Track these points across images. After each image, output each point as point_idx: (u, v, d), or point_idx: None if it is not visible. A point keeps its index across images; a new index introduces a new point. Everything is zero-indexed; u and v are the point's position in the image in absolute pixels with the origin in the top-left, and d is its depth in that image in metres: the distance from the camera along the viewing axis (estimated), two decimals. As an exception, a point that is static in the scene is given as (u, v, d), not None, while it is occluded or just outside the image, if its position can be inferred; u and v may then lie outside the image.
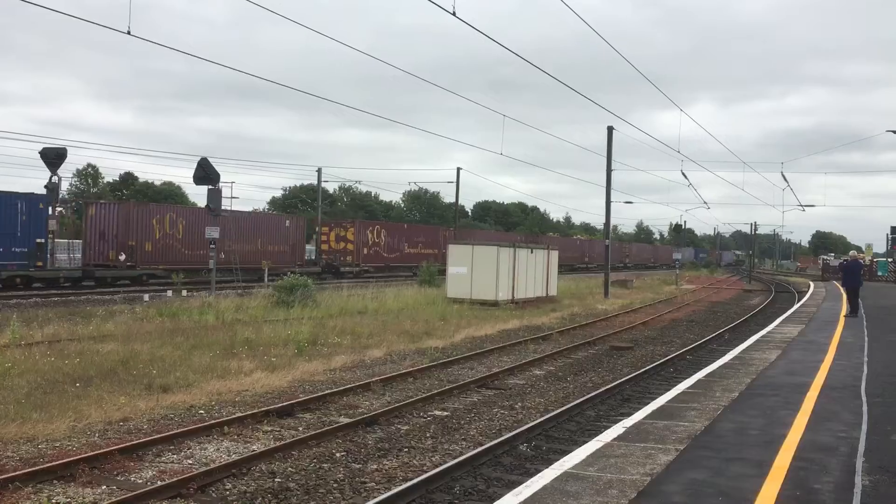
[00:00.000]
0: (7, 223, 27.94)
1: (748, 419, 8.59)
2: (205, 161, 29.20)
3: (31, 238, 28.95)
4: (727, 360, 13.42)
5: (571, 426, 11.02)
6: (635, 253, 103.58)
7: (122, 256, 34.06)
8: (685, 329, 25.83)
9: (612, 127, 39.74)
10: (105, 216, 34.71)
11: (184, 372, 13.20)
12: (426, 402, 12.17)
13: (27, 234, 28.86)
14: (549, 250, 35.35)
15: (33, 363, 13.09)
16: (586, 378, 15.27)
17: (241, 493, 7.74)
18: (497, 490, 7.77)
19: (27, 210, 28.85)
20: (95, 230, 34.25)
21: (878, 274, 58.57)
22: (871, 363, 13.12)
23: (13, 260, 28.42)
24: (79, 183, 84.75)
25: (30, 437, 9.25)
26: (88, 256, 33.88)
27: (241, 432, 10.02)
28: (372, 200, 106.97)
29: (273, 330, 18.42)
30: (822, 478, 6.33)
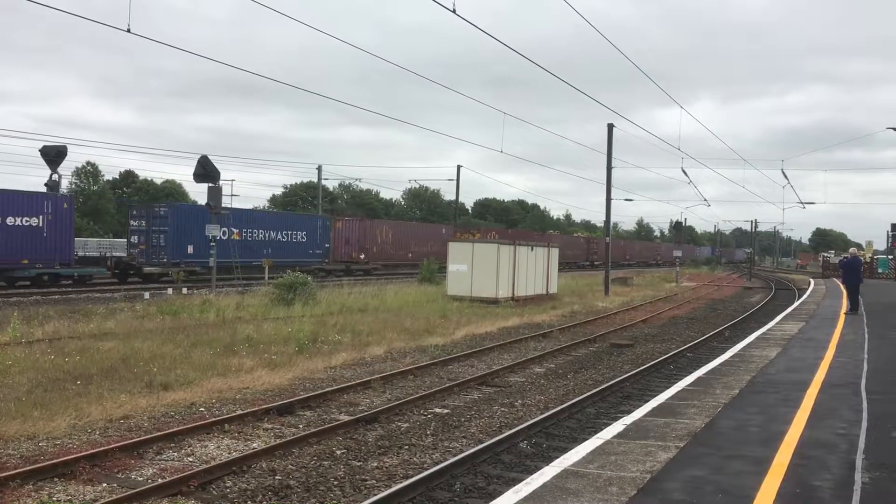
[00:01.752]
0: (313, 236, 44.43)
1: (748, 416, 8.59)
2: (205, 159, 29.23)
3: (323, 244, 45.33)
4: (727, 358, 13.42)
5: (572, 423, 11.03)
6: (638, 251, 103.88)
7: (363, 256, 48.21)
8: (685, 326, 25.83)
9: (612, 124, 39.74)
10: (348, 228, 48.80)
11: (184, 370, 13.21)
12: (426, 400, 12.18)
13: (321, 242, 45.21)
14: (550, 248, 35.35)
15: (34, 361, 13.10)
16: (586, 375, 15.28)
17: (241, 490, 7.75)
18: (497, 487, 7.78)
19: (321, 226, 45.75)
20: (342, 238, 47.97)
21: (878, 271, 58.56)
22: (871, 360, 13.12)
23: (315, 258, 44.48)
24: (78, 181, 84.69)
25: (30, 435, 9.26)
26: (338, 255, 47.22)
27: (241, 430, 10.03)
28: (372, 198, 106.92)
29: (274, 327, 18.43)
30: (822, 475, 6.33)
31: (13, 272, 29.87)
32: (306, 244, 43.58)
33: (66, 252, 31.47)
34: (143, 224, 36.03)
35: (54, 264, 31.04)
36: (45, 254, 30.37)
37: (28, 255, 29.68)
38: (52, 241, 30.52)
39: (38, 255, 30.11)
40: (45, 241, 30.29)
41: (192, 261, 36.35)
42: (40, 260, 30.31)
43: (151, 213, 36.47)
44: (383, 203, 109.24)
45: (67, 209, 31.58)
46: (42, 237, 30.17)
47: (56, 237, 30.71)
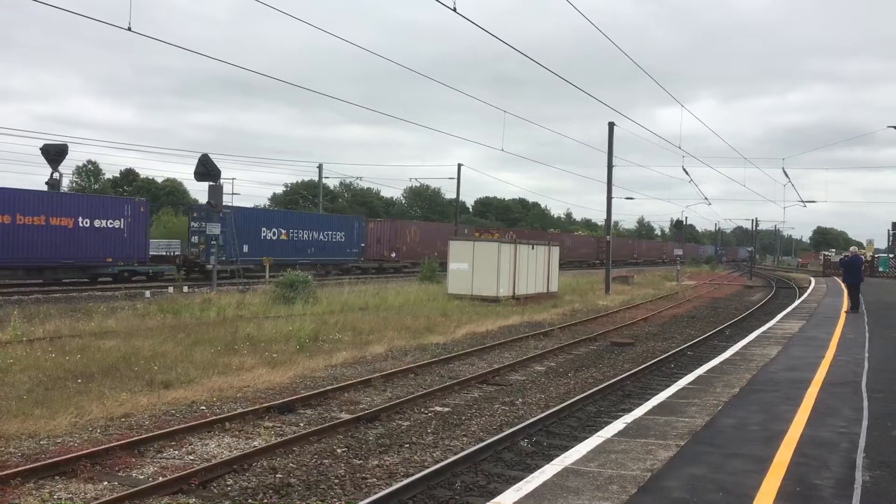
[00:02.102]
0: (350, 236, 46.94)
1: (749, 415, 8.59)
2: (206, 157, 29.24)
3: (359, 243, 47.96)
4: (728, 356, 13.43)
5: (572, 422, 11.03)
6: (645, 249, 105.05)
7: (394, 254, 51.55)
8: (686, 325, 25.83)
9: (613, 123, 39.70)
10: (379, 228, 52.79)
11: (185, 368, 13.22)
12: (427, 398, 12.18)
13: (357, 241, 47.61)
14: (550, 246, 35.35)
15: (35, 359, 13.10)
16: (587, 374, 15.28)
17: (242, 488, 7.76)
18: (498, 486, 7.79)
19: (357, 227, 48.18)
20: (374, 237, 51.06)
21: (879, 270, 58.53)
22: (871, 359, 13.12)
23: (352, 257, 47.16)
24: (79, 179, 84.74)
25: (31, 433, 9.27)
26: (371, 254, 50.26)
27: (242, 428, 10.04)
28: (373, 196, 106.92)
29: (274, 326, 18.43)
30: (823, 473, 6.33)
31: (98, 269, 32.48)
32: (344, 244, 46.75)
33: (143, 251, 34.43)
34: (202, 225, 37.77)
35: (133, 262, 33.92)
36: (126, 252, 33.24)
37: (111, 254, 32.50)
38: (131, 241, 33.51)
39: (120, 253, 32.92)
40: (125, 241, 33.18)
41: (247, 258, 39.13)
42: (121, 258, 33.16)
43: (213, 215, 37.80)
44: (384, 202, 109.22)
45: (143, 212, 34.86)
46: (123, 237, 33.11)
47: (134, 238, 33.77)
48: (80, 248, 31.45)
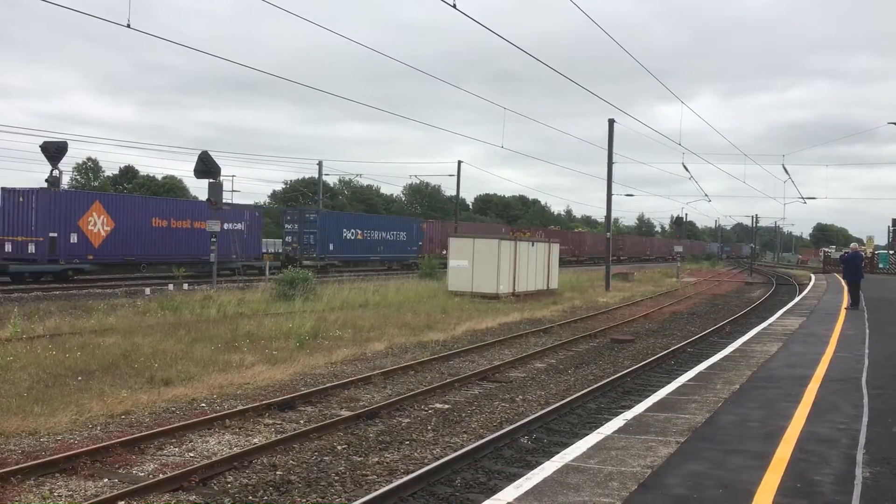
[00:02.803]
0: (410, 236, 52.89)
1: (749, 411, 8.59)
2: (205, 155, 29.21)
3: (417, 242, 53.19)
4: (728, 353, 13.43)
5: (572, 419, 11.03)
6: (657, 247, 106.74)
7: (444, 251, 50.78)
8: (686, 322, 25.84)
9: (613, 120, 39.69)
10: (432, 228, 56.93)
11: (185, 365, 13.22)
12: (427, 395, 12.18)
13: (416, 240, 53.23)
14: (550, 243, 35.36)
15: (35, 357, 13.11)
16: (587, 371, 15.29)
17: (242, 485, 7.76)
18: (498, 482, 7.79)
19: (416, 227, 54.08)
20: (427, 237, 55.40)
21: (879, 266, 58.50)
22: (871, 355, 13.12)
23: (412, 254, 52.06)
24: (79, 177, 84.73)
25: (32, 431, 9.27)
26: (425, 251, 52.56)
27: (242, 425, 10.04)
28: (373, 193, 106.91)
29: (274, 323, 18.43)
30: (823, 470, 6.33)
31: (228, 264, 37.32)
32: (406, 242, 52.62)
33: (257, 249, 41.40)
34: (295, 227, 45.01)
35: (251, 258, 40.04)
36: (246, 250, 39.58)
37: (236, 252, 38.17)
38: (249, 241, 40.13)
39: (242, 251, 38.93)
40: (245, 241, 39.59)
41: (333, 255, 45.62)
42: (243, 255, 39.10)
43: (303, 218, 45.72)
44: (384, 199, 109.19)
45: (258, 217, 41.93)
46: (244, 238, 39.49)
47: (251, 238, 40.40)
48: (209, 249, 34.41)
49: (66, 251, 31.00)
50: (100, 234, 32.45)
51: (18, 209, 30.69)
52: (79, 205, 32.05)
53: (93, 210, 32.35)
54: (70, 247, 31.11)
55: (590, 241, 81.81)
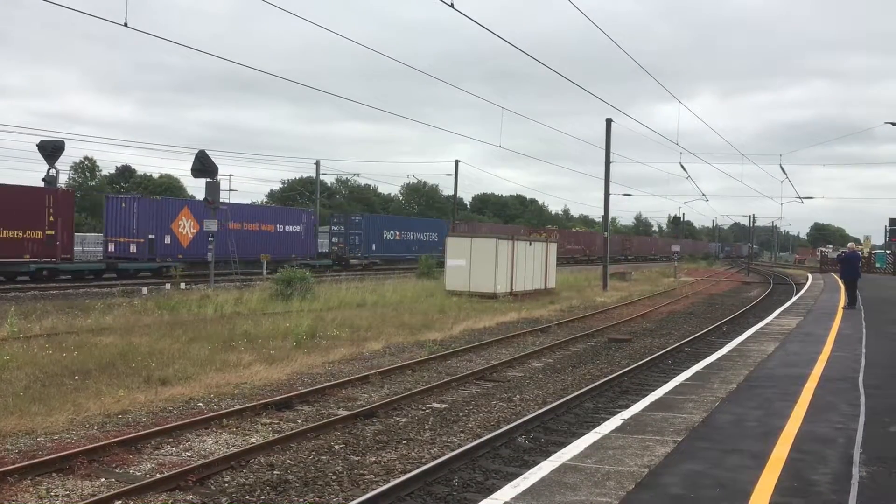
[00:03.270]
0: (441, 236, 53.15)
1: (746, 411, 8.60)
2: (202, 154, 29.21)
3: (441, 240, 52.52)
4: (725, 352, 13.44)
5: (570, 418, 11.04)
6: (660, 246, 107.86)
7: None
8: (683, 321, 25.86)
9: (610, 119, 39.70)
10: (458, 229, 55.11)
11: (182, 365, 13.21)
12: (425, 395, 12.18)
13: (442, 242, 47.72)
14: (548, 242, 35.40)
15: (32, 356, 13.09)
16: (585, 370, 15.29)
17: (239, 485, 7.75)
18: (495, 482, 7.79)
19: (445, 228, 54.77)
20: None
21: (876, 266, 58.57)
22: (868, 355, 13.13)
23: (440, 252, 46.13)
24: (76, 176, 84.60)
25: (29, 430, 9.26)
26: None
27: (239, 425, 10.03)
28: (371, 193, 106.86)
29: (272, 323, 18.43)
30: (820, 469, 6.34)
31: (288, 262, 39.08)
32: (437, 242, 55.87)
33: (313, 248, 46.84)
34: (341, 228, 50.64)
35: (307, 257, 44.54)
36: (303, 250, 44.70)
37: (295, 251, 43.59)
38: (306, 242, 45.21)
39: (300, 251, 44.25)
40: (303, 241, 44.78)
41: (375, 255, 51.36)
42: (301, 254, 43.99)
43: (349, 220, 51.45)
44: (381, 198, 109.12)
45: (313, 220, 47.33)
46: (301, 239, 44.64)
47: (308, 239, 45.46)
48: (280, 246, 42.44)
49: (161, 251, 35.54)
50: (187, 236, 37.17)
51: (121, 214, 35.13)
52: (171, 210, 36.75)
53: (182, 215, 37.05)
54: (164, 247, 35.73)
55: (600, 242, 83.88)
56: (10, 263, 29.14)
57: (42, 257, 30.12)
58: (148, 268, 34.89)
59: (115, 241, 35.12)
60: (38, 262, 29.87)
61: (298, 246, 44.34)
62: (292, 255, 42.49)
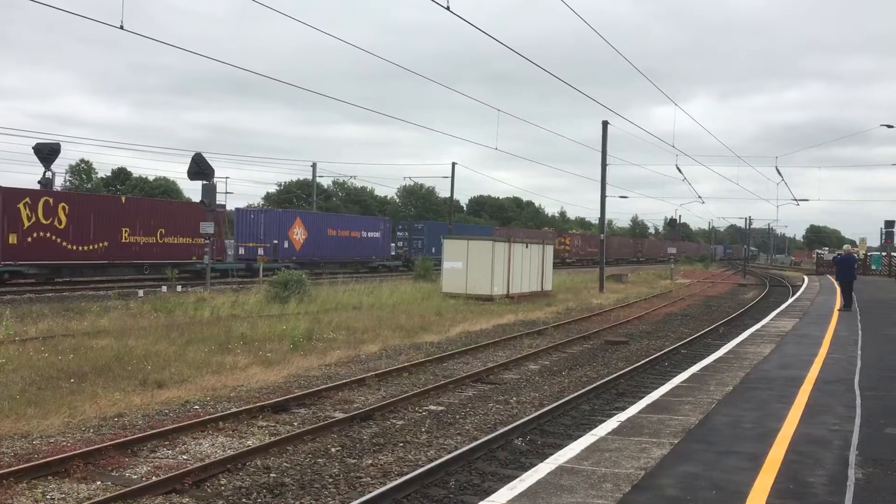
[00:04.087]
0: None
1: (742, 413, 8.61)
2: (199, 156, 29.18)
3: None
4: (721, 354, 13.45)
5: (566, 420, 11.04)
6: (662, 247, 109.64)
7: None
8: (680, 323, 25.88)
9: (606, 121, 39.80)
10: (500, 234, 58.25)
11: (178, 367, 13.19)
12: (421, 397, 12.18)
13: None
14: (545, 245, 35.41)
15: (27, 359, 13.06)
16: (581, 372, 15.30)
17: (236, 488, 7.74)
18: (492, 484, 7.78)
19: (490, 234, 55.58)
20: None
21: (872, 268, 58.68)
22: (864, 357, 13.16)
23: None
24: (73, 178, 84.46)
25: (24, 433, 9.24)
26: None
27: (236, 427, 10.02)
28: (367, 195, 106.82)
29: (268, 325, 18.40)
30: (816, 471, 6.35)
31: (369, 263, 50.23)
32: None
33: (388, 251, 53.43)
34: (406, 234, 58.38)
35: (384, 259, 51.93)
36: (380, 252, 51.84)
37: (374, 254, 51.04)
38: (383, 245, 52.23)
39: (378, 253, 51.48)
40: (380, 245, 51.89)
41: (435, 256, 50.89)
42: (379, 256, 51.31)
43: (412, 227, 59.43)
44: (378, 200, 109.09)
45: (388, 225, 54.71)
46: (379, 243, 51.59)
47: (384, 243, 52.42)
48: (364, 249, 49.91)
49: (281, 253, 42.59)
50: (299, 241, 44.50)
51: (249, 223, 42.70)
52: (288, 220, 44.20)
53: (295, 224, 44.46)
54: (283, 250, 42.93)
55: (616, 244, 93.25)
56: (183, 263, 35.80)
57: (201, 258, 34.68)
58: (273, 267, 39.24)
59: (245, 245, 42.16)
60: (201, 262, 34.17)
61: (377, 249, 51.38)
62: (372, 257, 50.66)
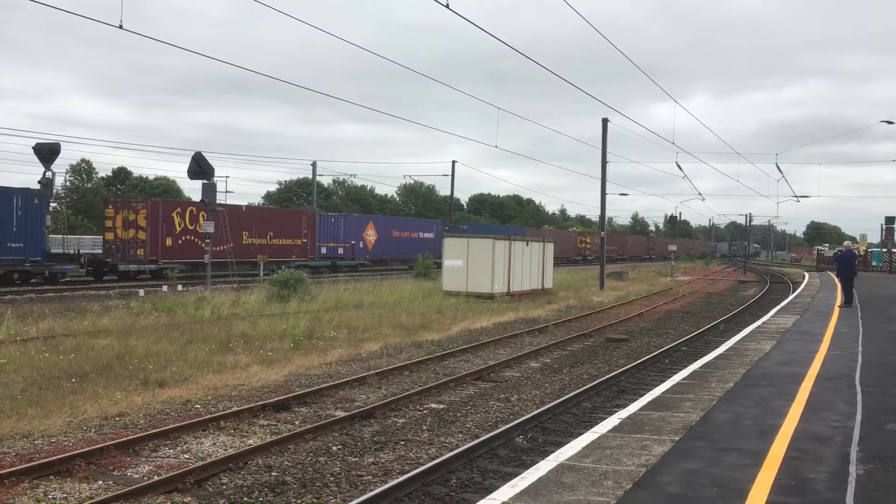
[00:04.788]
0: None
1: (743, 409, 8.62)
2: (199, 156, 29.17)
3: None
4: (722, 351, 13.46)
5: (567, 418, 11.05)
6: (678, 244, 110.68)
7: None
8: (680, 320, 25.88)
9: (606, 119, 39.74)
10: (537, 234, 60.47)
11: (180, 367, 13.19)
12: (422, 395, 12.18)
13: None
14: (545, 243, 35.41)
15: (29, 359, 13.07)
16: (582, 370, 15.31)
17: (237, 487, 7.75)
18: (493, 482, 7.79)
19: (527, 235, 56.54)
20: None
21: (872, 264, 58.66)
22: (865, 353, 13.16)
23: None
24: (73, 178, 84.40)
25: (26, 433, 9.25)
26: None
27: (237, 426, 10.03)
28: (367, 194, 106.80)
29: (269, 324, 18.41)
30: (817, 467, 6.36)
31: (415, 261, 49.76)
32: None
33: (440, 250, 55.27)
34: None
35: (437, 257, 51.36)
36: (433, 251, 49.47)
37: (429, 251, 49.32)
38: (436, 244, 50.37)
39: (431, 250, 49.99)
40: (434, 244, 51.94)
41: None
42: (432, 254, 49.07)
43: (457, 228, 59.41)
44: (378, 199, 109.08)
45: (441, 228, 58.15)
46: (433, 243, 53.80)
47: (437, 242, 50.26)
48: (419, 248, 51.29)
49: (358, 253, 49.46)
50: (371, 241, 51.45)
51: (329, 226, 48.01)
52: (362, 223, 51.58)
53: (369, 226, 51.86)
54: (359, 250, 49.79)
55: (630, 242, 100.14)
56: (284, 261, 41.51)
57: (300, 257, 43.95)
58: (351, 265, 47.80)
59: (327, 245, 47.35)
60: (298, 260, 43.06)
61: (431, 248, 53.35)
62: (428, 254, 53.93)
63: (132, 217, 34.70)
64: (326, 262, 47.10)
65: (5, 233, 28.47)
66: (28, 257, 29.49)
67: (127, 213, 34.82)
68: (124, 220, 34.81)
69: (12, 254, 28.84)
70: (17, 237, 28.85)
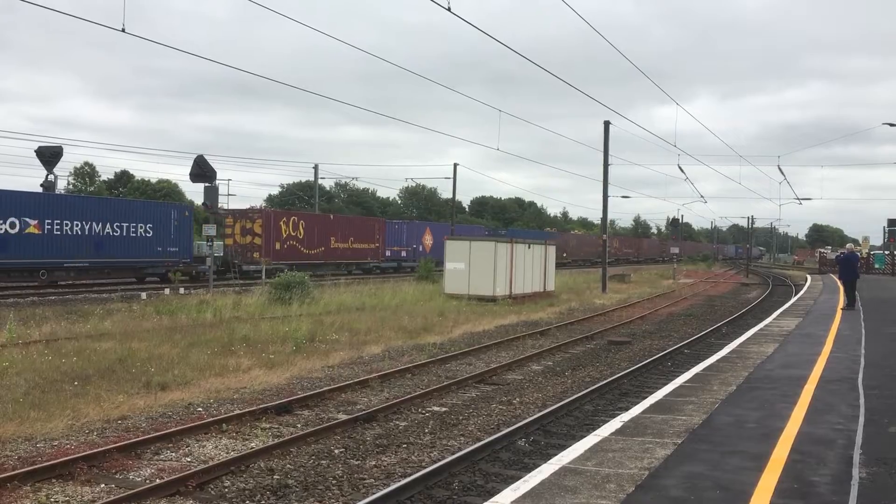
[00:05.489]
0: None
1: (746, 412, 8.60)
2: (201, 158, 29.23)
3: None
4: (725, 354, 13.44)
5: (569, 421, 11.03)
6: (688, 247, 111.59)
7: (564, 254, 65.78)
8: (683, 323, 25.86)
9: (608, 122, 39.73)
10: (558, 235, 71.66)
11: (182, 369, 13.20)
12: (424, 398, 12.18)
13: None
14: (547, 245, 35.42)
15: (31, 362, 13.07)
16: (584, 373, 15.29)
17: (239, 490, 7.74)
18: (495, 485, 7.78)
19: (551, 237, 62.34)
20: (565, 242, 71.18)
21: (874, 267, 58.59)
22: (868, 355, 13.15)
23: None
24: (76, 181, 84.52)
25: (28, 436, 9.25)
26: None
27: (239, 430, 10.02)
28: (369, 197, 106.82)
29: (271, 327, 18.41)
30: (820, 470, 6.34)
31: None
32: None
33: None
34: None
35: None
36: None
37: None
38: None
39: None
40: None
41: None
42: None
43: (497, 234, 62.64)
44: (380, 202, 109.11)
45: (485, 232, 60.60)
46: None
47: None
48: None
49: (417, 256, 52.68)
50: (429, 245, 56.14)
51: (394, 231, 53.40)
52: (421, 230, 57.33)
53: (426, 232, 57.33)
54: (418, 253, 54.04)
55: (646, 245, 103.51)
56: (360, 263, 48.65)
57: (373, 259, 49.90)
58: (412, 266, 50.53)
59: (391, 248, 52.48)
60: (371, 262, 49.63)
61: None
62: None
63: (249, 225, 40.31)
64: (393, 263, 52.52)
65: (166, 239, 35.16)
66: (181, 259, 36.06)
67: (244, 222, 40.45)
68: (242, 227, 40.29)
69: (171, 256, 35.65)
70: (175, 242, 35.68)
